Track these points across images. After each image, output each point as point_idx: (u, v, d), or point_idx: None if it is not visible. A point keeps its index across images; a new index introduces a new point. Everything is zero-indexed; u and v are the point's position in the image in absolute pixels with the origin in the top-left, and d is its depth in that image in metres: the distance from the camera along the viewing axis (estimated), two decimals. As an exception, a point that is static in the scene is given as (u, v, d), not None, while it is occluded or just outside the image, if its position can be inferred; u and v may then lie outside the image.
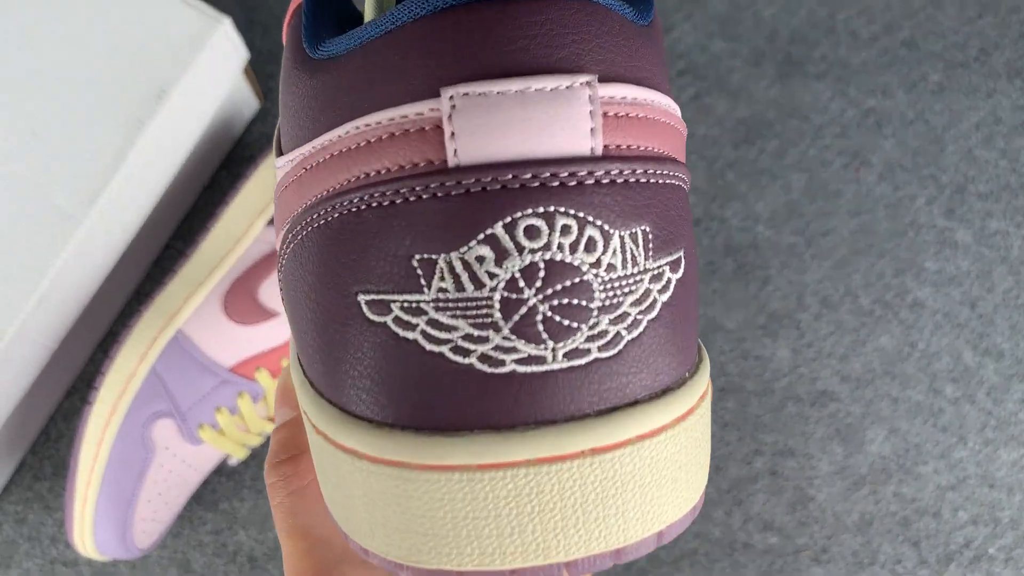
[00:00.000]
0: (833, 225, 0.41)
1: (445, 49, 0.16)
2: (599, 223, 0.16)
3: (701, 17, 0.42)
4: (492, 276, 0.16)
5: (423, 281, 0.16)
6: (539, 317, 0.16)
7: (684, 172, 0.18)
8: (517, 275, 0.16)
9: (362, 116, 0.17)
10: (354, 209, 0.17)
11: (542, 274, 0.16)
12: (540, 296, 0.16)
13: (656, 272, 0.17)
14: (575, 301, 0.16)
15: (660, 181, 0.17)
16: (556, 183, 0.16)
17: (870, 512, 0.40)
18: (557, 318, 0.16)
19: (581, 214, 0.16)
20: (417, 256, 0.16)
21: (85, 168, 0.34)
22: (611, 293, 0.16)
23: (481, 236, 0.16)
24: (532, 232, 0.16)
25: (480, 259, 0.16)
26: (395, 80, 0.16)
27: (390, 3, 0.20)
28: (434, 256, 0.16)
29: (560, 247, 0.16)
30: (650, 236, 0.17)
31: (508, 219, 0.16)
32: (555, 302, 0.16)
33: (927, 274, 0.41)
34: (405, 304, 0.16)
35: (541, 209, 0.16)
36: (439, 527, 0.17)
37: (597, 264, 0.16)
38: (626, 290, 0.17)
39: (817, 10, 0.42)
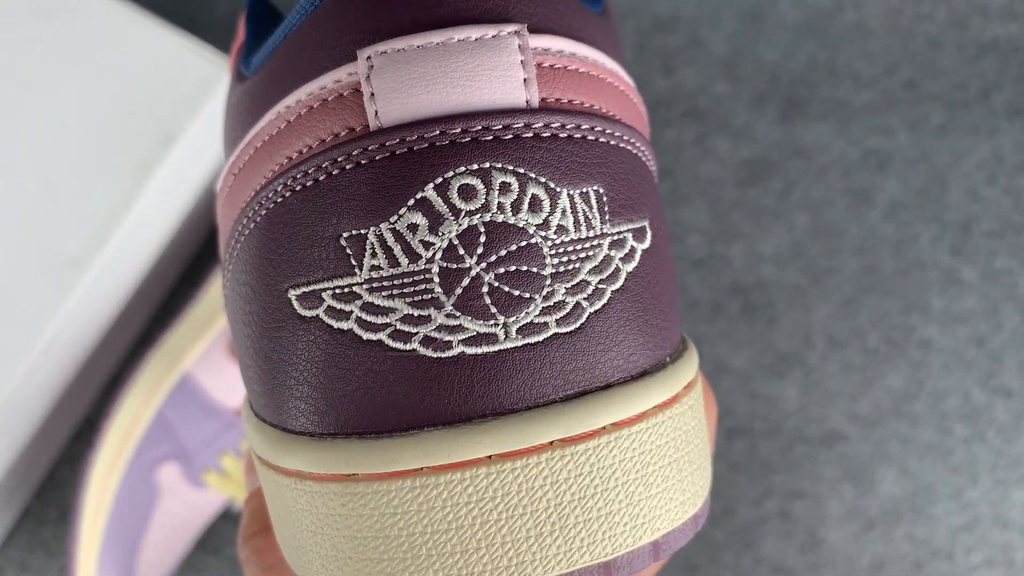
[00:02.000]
0: (838, 264, 0.41)
1: (362, 13, 0.14)
2: (543, 180, 0.14)
3: (703, 60, 0.43)
4: (428, 246, 0.14)
5: (353, 261, 0.14)
6: (484, 288, 0.14)
7: (643, 143, 0.16)
8: (455, 242, 0.14)
9: (282, 100, 0.15)
10: (279, 199, 0.15)
11: (483, 239, 0.14)
12: (483, 264, 0.14)
13: (617, 238, 0.15)
14: (524, 268, 0.14)
15: (610, 142, 0.15)
16: (490, 137, 0.14)
17: (882, 554, 0.40)
18: (505, 288, 0.14)
19: (521, 170, 0.14)
20: (345, 234, 0.14)
21: (93, 213, 0.34)
22: (565, 259, 0.14)
23: (411, 202, 0.14)
24: (467, 192, 0.14)
25: (413, 227, 0.14)
26: (314, 58, 0.15)
27: None
28: (363, 231, 0.14)
29: (501, 207, 0.14)
30: (604, 197, 0.15)
31: (439, 179, 0.14)
32: (501, 270, 0.14)
33: (934, 312, 0.41)
34: (337, 291, 0.14)
35: (475, 166, 0.14)
36: (395, 549, 0.14)
37: (545, 225, 0.14)
38: (582, 255, 0.15)
39: (817, 53, 0.43)
